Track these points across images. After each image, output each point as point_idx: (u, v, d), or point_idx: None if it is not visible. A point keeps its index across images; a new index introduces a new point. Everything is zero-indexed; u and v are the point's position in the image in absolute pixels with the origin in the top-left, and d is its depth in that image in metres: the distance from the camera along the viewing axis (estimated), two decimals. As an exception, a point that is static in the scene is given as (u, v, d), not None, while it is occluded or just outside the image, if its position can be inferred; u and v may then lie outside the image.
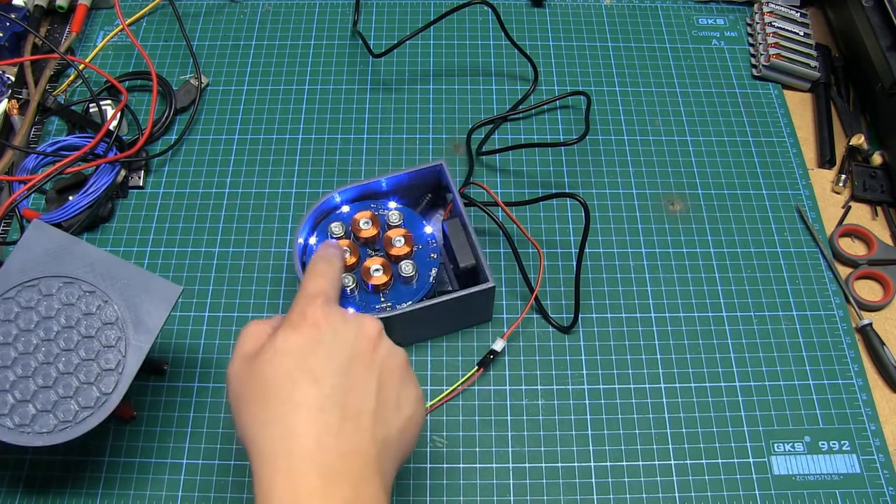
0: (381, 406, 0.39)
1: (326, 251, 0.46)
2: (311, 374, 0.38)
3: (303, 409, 0.37)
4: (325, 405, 0.38)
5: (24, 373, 0.47)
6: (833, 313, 0.60)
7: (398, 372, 0.41)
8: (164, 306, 0.48)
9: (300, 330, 0.40)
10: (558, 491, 0.52)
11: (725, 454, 0.54)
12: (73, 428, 0.46)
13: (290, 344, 0.39)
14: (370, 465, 0.37)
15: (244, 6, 0.77)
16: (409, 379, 0.42)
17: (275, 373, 0.39)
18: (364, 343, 0.40)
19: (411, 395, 0.41)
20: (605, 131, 0.69)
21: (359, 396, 0.39)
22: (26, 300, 0.48)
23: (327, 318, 0.40)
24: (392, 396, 0.40)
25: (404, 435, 0.40)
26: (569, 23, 0.76)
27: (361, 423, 0.38)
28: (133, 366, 0.47)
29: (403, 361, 0.42)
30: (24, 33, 0.71)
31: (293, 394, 0.38)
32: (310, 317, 0.40)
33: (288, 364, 0.39)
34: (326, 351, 0.39)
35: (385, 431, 0.39)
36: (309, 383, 0.38)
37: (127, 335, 0.48)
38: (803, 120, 0.71)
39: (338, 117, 0.70)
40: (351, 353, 0.39)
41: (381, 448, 0.38)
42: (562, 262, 0.62)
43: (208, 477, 0.53)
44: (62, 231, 0.50)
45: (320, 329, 0.40)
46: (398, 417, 0.40)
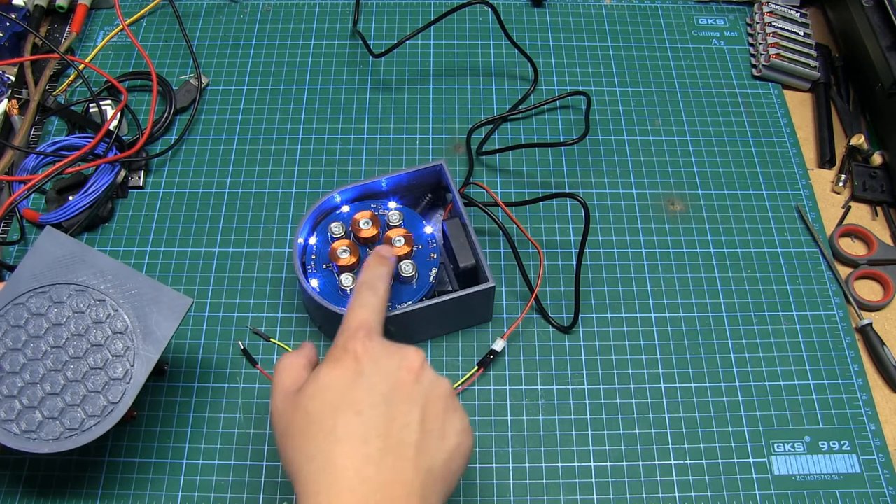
0: (425, 436, 0.39)
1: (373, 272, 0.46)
2: (353, 406, 0.38)
3: (344, 442, 0.37)
4: (367, 436, 0.38)
5: (31, 379, 0.47)
6: (833, 313, 0.60)
7: (442, 401, 0.41)
8: (173, 318, 0.48)
9: (342, 364, 0.40)
10: (558, 491, 0.52)
11: (725, 454, 0.54)
12: (78, 436, 0.46)
13: (332, 378, 0.40)
14: (413, 495, 0.37)
15: (244, 6, 0.77)
16: (453, 408, 0.41)
17: (318, 407, 0.39)
18: (406, 374, 0.40)
19: (457, 424, 0.41)
20: (605, 131, 0.69)
21: (401, 428, 0.38)
22: (37, 306, 0.48)
23: (368, 352, 0.40)
24: (436, 427, 0.40)
25: (450, 465, 0.40)
26: (569, 23, 0.76)
27: (404, 454, 0.38)
28: (141, 376, 0.47)
29: (448, 391, 0.41)
30: (24, 33, 0.71)
31: (335, 427, 0.38)
32: (351, 350, 0.40)
33: (330, 397, 0.39)
34: (368, 383, 0.39)
35: (429, 462, 0.39)
36: (351, 416, 0.38)
37: (136, 345, 0.48)
38: (803, 120, 0.71)
39: (338, 117, 0.70)
40: (393, 385, 0.39)
41: (424, 478, 0.38)
42: (562, 262, 0.62)
43: (208, 477, 0.53)
44: (74, 239, 0.50)
45: (361, 362, 0.40)
46: (443, 447, 0.40)
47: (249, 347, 0.57)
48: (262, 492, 0.52)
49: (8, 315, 0.48)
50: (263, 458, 0.53)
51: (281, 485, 0.52)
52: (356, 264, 0.55)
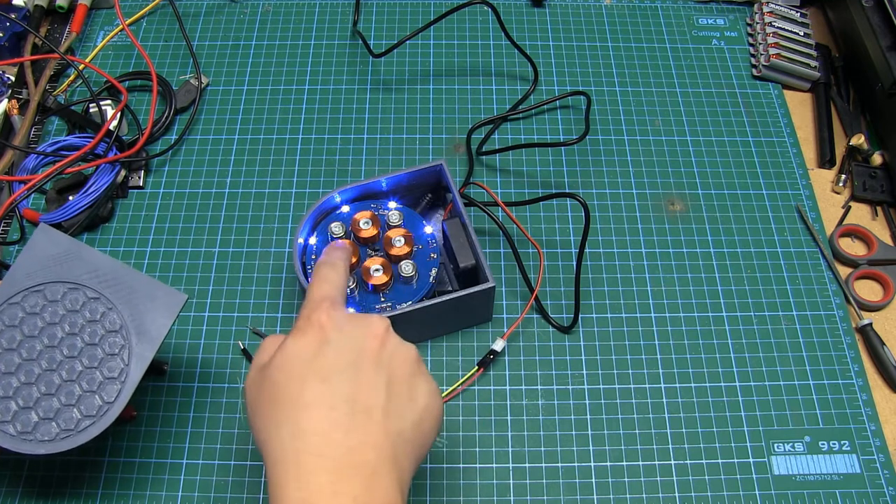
0: (393, 399, 0.39)
1: (331, 255, 0.47)
2: (319, 373, 0.38)
3: (312, 408, 0.37)
4: (334, 402, 0.38)
5: (27, 379, 0.47)
6: (833, 313, 0.60)
7: (409, 365, 0.41)
8: (168, 315, 0.48)
9: (307, 333, 0.40)
10: (558, 491, 0.52)
11: (725, 454, 0.54)
12: (74, 436, 0.46)
13: (298, 347, 0.40)
14: (383, 459, 0.37)
15: (244, 6, 0.77)
16: (420, 372, 0.41)
17: (284, 377, 0.39)
18: (371, 340, 0.40)
19: (424, 387, 0.41)
20: (605, 131, 0.69)
21: (368, 391, 0.39)
22: (31, 305, 0.48)
23: (332, 321, 0.40)
24: (404, 390, 0.40)
25: (421, 427, 0.40)
26: (569, 23, 0.76)
27: (372, 417, 0.38)
28: (136, 375, 0.47)
29: (414, 355, 0.42)
30: (24, 33, 0.71)
31: (303, 394, 0.38)
32: (315, 320, 0.40)
33: (297, 366, 0.39)
34: (334, 350, 0.39)
35: (399, 424, 0.39)
36: (317, 382, 0.38)
37: (130, 343, 0.48)
38: (803, 120, 0.71)
39: (338, 117, 0.70)
40: (359, 351, 0.40)
41: (395, 441, 0.38)
42: (562, 262, 0.62)
43: (208, 477, 0.53)
44: (68, 236, 0.50)
45: (326, 331, 0.40)
46: (413, 409, 0.40)
47: (249, 347, 0.57)
48: (262, 492, 0.52)
49: (3, 315, 0.48)
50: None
51: (281, 485, 0.52)
52: (356, 264, 0.55)
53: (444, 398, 0.55)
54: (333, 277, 0.44)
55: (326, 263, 0.46)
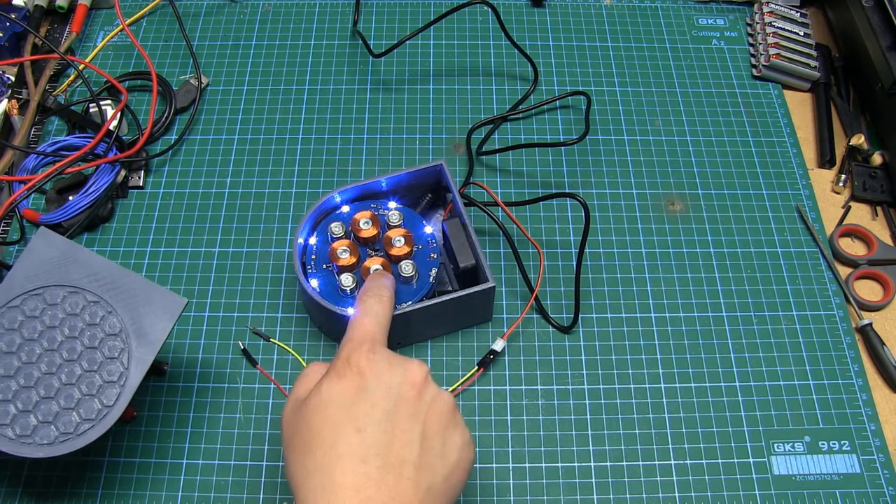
0: (426, 454, 0.39)
1: (378, 284, 0.46)
2: (354, 423, 0.38)
3: (345, 460, 0.37)
4: (367, 455, 0.38)
5: (26, 383, 0.47)
6: (833, 313, 0.60)
7: (444, 417, 0.41)
8: (167, 318, 0.48)
9: (344, 378, 0.40)
10: (558, 491, 0.52)
11: (725, 454, 0.54)
12: (73, 440, 0.46)
13: (335, 392, 0.39)
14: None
15: (244, 6, 0.77)
16: (455, 424, 0.41)
17: (319, 421, 0.39)
18: (408, 389, 0.40)
19: (458, 440, 0.41)
20: (605, 131, 0.69)
21: (402, 445, 0.38)
22: (31, 309, 0.48)
23: (371, 366, 0.40)
24: (437, 444, 0.40)
25: (450, 481, 0.40)
26: (569, 23, 0.76)
27: (404, 473, 0.38)
28: (135, 378, 0.47)
29: (450, 406, 0.41)
30: (24, 33, 0.71)
31: (336, 443, 0.38)
32: (354, 364, 0.40)
33: (332, 412, 0.39)
34: (370, 399, 0.39)
35: (430, 480, 0.39)
36: (351, 432, 0.38)
37: (130, 347, 0.48)
38: (803, 120, 0.71)
39: (338, 117, 0.70)
40: (395, 401, 0.39)
41: (424, 497, 0.38)
42: (562, 262, 0.62)
43: (208, 477, 0.53)
44: (68, 239, 0.50)
45: (365, 377, 0.40)
46: (444, 465, 0.40)
47: (249, 347, 0.57)
48: (262, 492, 0.52)
49: (2, 318, 0.48)
50: (263, 458, 0.53)
51: (281, 485, 0.52)
52: (356, 264, 0.55)
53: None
54: (378, 311, 0.44)
55: (372, 294, 0.45)
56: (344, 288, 0.54)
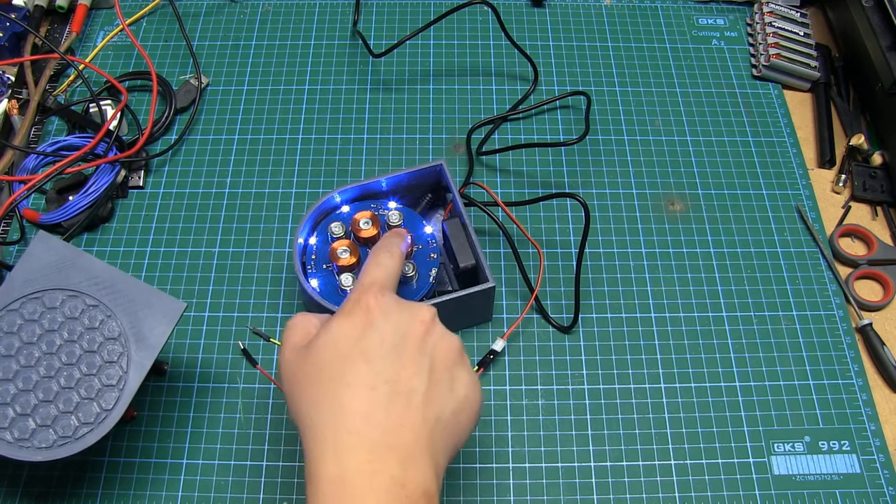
0: (434, 386, 0.39)
1: (390, 241, 0.47)
2: (363, 355, 0.39)
3: (354, 387, 0.38)
4: (376, 383, 0.38)
5: (25, 386, 0.47)
6: (833, 313, 0.60)
7: (452, 355, 0.41)
8: (166, 322, 0.48)
9: (353, 315, 0.40)
10: (558, 491, 0.52)
11: (725, 454, 0.54)
12: (72, 444, 0.46)
13: (344, 329, 0.40)
14: (420, 442, 0.37)
15: (244, 6, 0.77)
16: (463, 363, 0.42)
17: (328, 356, 0.39)
18: (417, 326, 0.40)
19: (465, 378, 0.41)
20: (605, 131, 0.69)
21: (410, 375, 0.39)
22: (30, 312, 0.48)
23: (380, 305, 0.41)
24: (445, 378, 0.40)
25: (459, 417, 0.40)
26: (569, 23, 0.76)
27: (413, 401, 0.38)
28: (134, 382, 0.47)
29: (458, 346, 0.42)
30: (24, 33, 0.71)
31: (345, 373, 0.38)
32: (363, 303, 0.41)
33: (341, 347, 0.39)
34: (379, 333, 0.40)
35: (438, 411, 0.39)
36: (361, 363, 0.39)
37: (129, 351, 0.48)
38: (803, 120, 0.71)
39: (338, 117, 0.70)
40: (403, 335, 0.40)
41: (433, 426, 0.38)
42: (562, 262, 0.62)
43: (208, 477, 0.53)
44: (67, 243, 0.50)
45: (373, 314, 0.40)
46: (452, 398, 0.40)
47: (249, 347, 0.57)
48: (262, 492, 0.52)
49: (1, 321, 0.48)
50: (263, 458, 0.53)
51: (281, 485, 0.52)
52: (356, 264, 0.55)
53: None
54: (388, 263, 0.44)
55: (384, 249, 0.46)
56: (344, 288, 0.54)
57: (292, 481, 0.52)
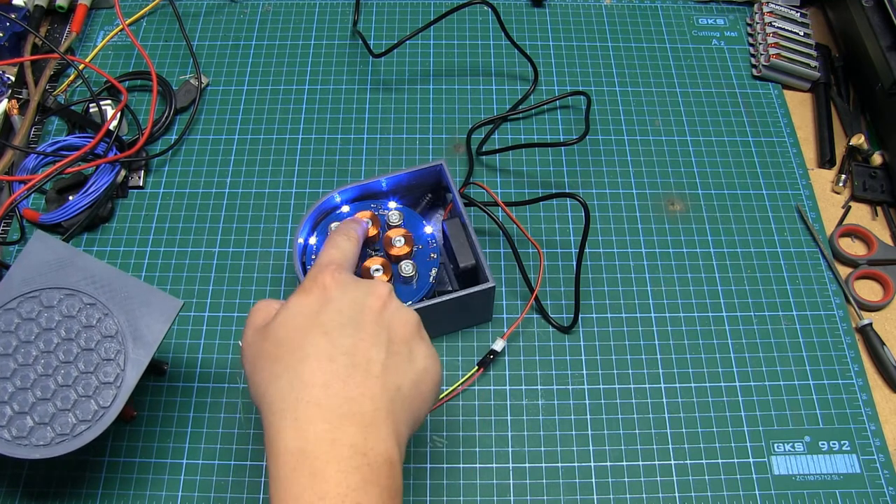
0: (393, 357, 0.40)
1: (347, 226, 0.48)
2: (321, 327, 0.39)
3: (311, 360, 0.38)
4: (334, 354, 0.38)
5: (22, 384, 0.47)
6: (833, 313, 0.60)
7: (409, 327, 0.41)
8: (163, 320, 0.48)
9: (311, 292, 0.41)
10: (558, 491, 0.52)
11: (725, 454, 0.54)
12: (70, 441, 0.46)
13: (301, 305, 0.40)
14: (380, 411, 0.38)
15: (244, 6, 0.77)
16: (421, 336, 0.42)
17: (286, 332, 0.39)
18: (374, 300, 0.41)
19: (424, 350, 0.41)
20: (605, 131, 0.69)
21: (368, 346, 0.39)
22: (27, 311, 0.48)
23: (336, 281, 0.41)
24: (404, 350, 0.40)
25: (420, 387, 0.40)
26: (569, 23, 0.76)
27: (371, 371, 0.38)
28: (131, 380, 0.47)
29: (415, 319, 0.42)
30: (24, 33, 0.71)
31: (304, 346, 0.39)
32: (319, 281, 0.41)
33: (299, 322, 0.40)
34: (336, 306, 0.40)
35: (397, 380, 0.39)
36: (319, 336, 0.39)
37: (126, 348, 0.48)
38: (803, 120, 0.71)
39: (338, 117, 0.70)
40: (360, 309, 0.40)
41: (393, 395, 0.38)
42: (562, 262, 0.62)
43: (208, 477, 0.53)
44: (64, 243, 0.50)
45: (329, 290, 0.41)
46: (412, 370, 0.40)
47: (249, 347, 0.57)
48: (262, 492, 0.52)
49: None
50: (263, 458, 0.53)
51: (281, 485, 0.52)
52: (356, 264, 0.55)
53: (445, 398, 0.55)
54: (345, 245, 0.46)
55: (341, 232, 0.47)
56: (344, 288, 0.54)
57: (292, 481, 0.52)
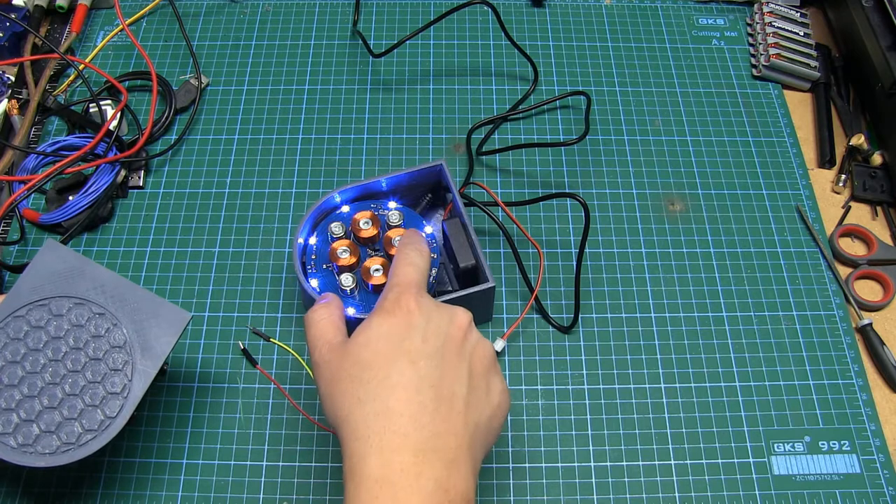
0: (473, 392, 0.40)
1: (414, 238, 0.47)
2: (407, 356, 0.39)
3: (399, 389, 0.38)
4: (421, 386, 0.38)
5: (29, 392, 0.47)
6: (833, 313, 0.60)
7: (487, 361, 0.42)
8: (172, 332, 0.48)
9: (394, 315, 0.41)
10: (558, 491, 0.52)
11: (725, 454, 0.54)
12: (75, 450, 0.46)
13: (386, 328, 0.40)
14: (462, 447, 0.38)
15: (244, 6, 0.77)
16: (496, 370, 0.42)
17: (370, 355, 0.39)
18: (456, 330, 0.41)
19: (499, 385, 0.42)
20: (605, 131, 0.69)
21: (452, 380, 0.39)
22: (36, 319, 0.48)
23: (420, 306, 0.41)
24: (482, 384, 0.41)
25: (493, 422, 0.41)
26: (569, 23, 0.76)
27: (455, 406, 0.39)
28: (138, 390, 0.47)
29: (492, 352, 0.43)
30: (24, 33, 0.71)
31: (390, 374, 0.39)
32: (404, 304, 0.41)
33: (384, 346, 0.40)
34: (421, 335, 0.40)
35: (476, 416, 0.40)
36: (405, 364, 0.39)
37: (134, 359, 0.48)
38: (803, 120, 0.71)
39: (338, 117, 0.70)
40: (444, 339, 0.40)
41: (472, 431, 0.39)
42: (562, 262, 0.62)
43: (208, 477, 0.53)
44: (75, 252, 0.50)
45: (413, 315, 0.41)
46: (488, 405, 0.41)
47: (249, 347, 0.57)
48: (262, 492, 0.52)
49: (7, 328, 0.48)
50: (263, 458, 0.53)
51: (281, 485, 0.52)
52: (356, 264, 0.55)
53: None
54: (419, 262, 0.45)
55: (412, 246, 0.46)
56: (344, 288, 0.54)
57: (292, 481, 0.52)
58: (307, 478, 0.52)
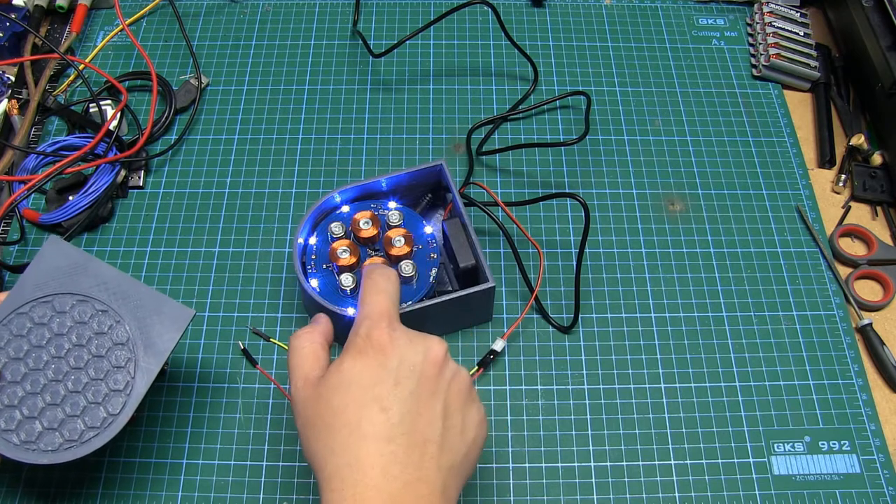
0: (448, 432, 0.40)
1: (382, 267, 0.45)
2: (378, 402, 0.39)
3: (370, 439, 0.38)
4: (392, 434, 0.38)
5: (32, 389, 0.47)
6: (833, 313, 0.60)
7: (463, 395, 0.41)
8: (175, 329, 0.48)
9: (366, 355, 0.40)
10: (558, 491, 0.52)
11: (725, 454, 0.54)
12: (77, 447, 0.46)
13: (357, 370, 0.39)
14: (435, 492, 0.38)
15: (244, 6, 0.77)
16: (472, 401, 0.42)
17: (342, 401, 0.39)
18: (430, 367, 0.40)
19: (475, 416, 0.42)
20: (605, 131, 0.69)
21: (426, 424, 0.39)
22: (39, 316, 0.48)
23: (393, 343, 0.40)
24: (458, 422, 0.40)
25: (469, 458, 0.41)
26: (569, 23, 0.76)
27: (427, 452, 0.38)
28: (141, 388, 0.47)
29: (468, 383, 0.42)
30: (24, 33, 0.71)
31: (361, 423, 0.38)
32: (375, 341, 0.40)
33: (355, 392, 0.39)
34: (394, 378, 0.39)
35: (451, 458, 0.39)
36: (376, 412, 0.38)
37: (137, 356, 0.48)
38: (803, 120, 0.71)
39: (338, 117, 0.70)
40: (418, 380, 0.40)
41: (446, 475, 0.39)
42: (562, 262, 0.62)
43: (208, 477, 0.53)
44: (78, 248, 0.50)
45: (386, 354, 0.40)
46: (463, 442, 0.40)
47: (249, 347, 0.57)
48: (262, 492, 0.52)
49: (10, 324, 0.48)
50: (263, 458, 0.53)
51: (281, 485, 0.52)
52: (356, 264, 0.55)
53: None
54: (389, 288, 0.43)
55: (379, 271, 0.44)
56: (344, 288, 0.54)
57: (292, 481, 0.52)
58: (307, 478, 0.52)
